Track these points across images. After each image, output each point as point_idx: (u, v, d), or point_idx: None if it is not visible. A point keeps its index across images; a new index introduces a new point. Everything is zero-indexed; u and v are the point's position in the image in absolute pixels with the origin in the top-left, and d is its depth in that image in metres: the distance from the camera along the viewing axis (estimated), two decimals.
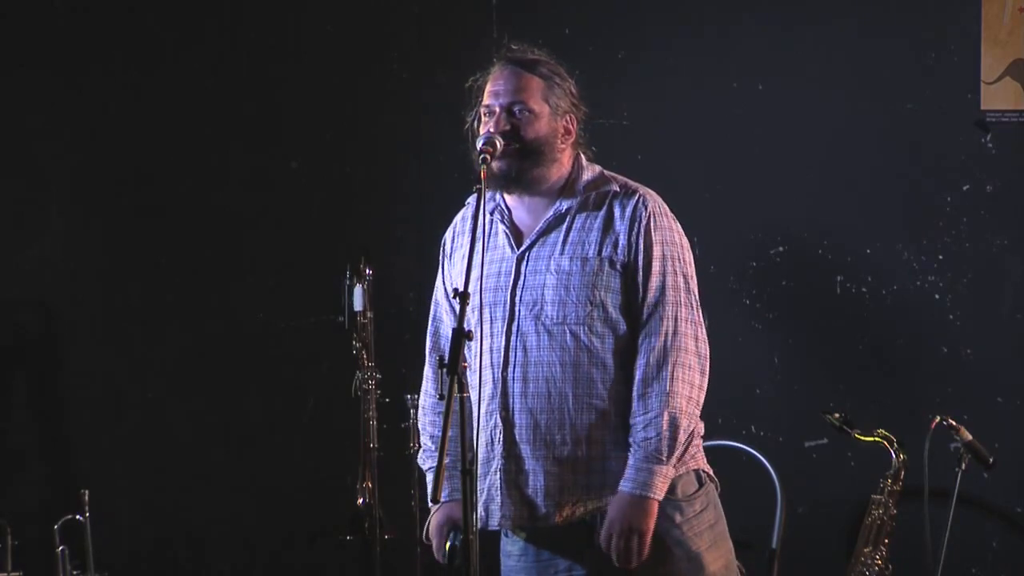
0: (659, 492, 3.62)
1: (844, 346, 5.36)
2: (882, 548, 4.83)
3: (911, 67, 5.31)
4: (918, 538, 4.80)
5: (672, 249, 3.72)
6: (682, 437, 3.64)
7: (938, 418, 4.80)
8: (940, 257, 5.31)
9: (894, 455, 4.84)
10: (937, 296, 5.31)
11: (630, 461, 3.63)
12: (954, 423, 4.80)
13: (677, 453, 3.64)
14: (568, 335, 3.67)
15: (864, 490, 4.92)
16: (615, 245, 3.69)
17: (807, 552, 5.23)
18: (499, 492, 3.70)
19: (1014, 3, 5.26)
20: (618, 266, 3.68)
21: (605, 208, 3.72)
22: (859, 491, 4.97)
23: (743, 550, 3.85)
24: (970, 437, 4.78)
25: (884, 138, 5.34)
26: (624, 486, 3.63)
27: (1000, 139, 5.27)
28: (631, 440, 3.64)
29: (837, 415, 4.89)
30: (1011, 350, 5.27)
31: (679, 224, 3.78)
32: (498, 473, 3.70)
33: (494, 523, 3.73)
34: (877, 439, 4.86)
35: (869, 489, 4.89)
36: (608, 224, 3.71)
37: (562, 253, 3.71)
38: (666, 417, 3.61)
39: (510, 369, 3.71)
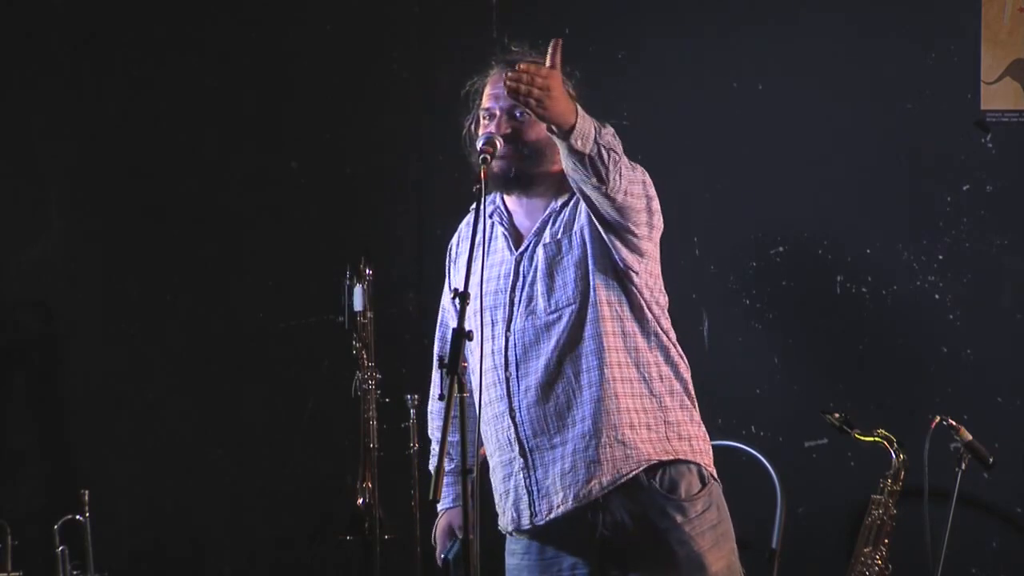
0: (583, 118, 3.43)
1: (844, 346, 5.36)
2: (882, 548, 4.83)
3: (911, 67, 5.31)
4: (918, 538, 4.80)
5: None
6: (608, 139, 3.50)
7: (938, 418, 4.80)
8: (940, 257, 5.31)
9: (894, 455, 4.84)
10: (937, 296, 5.31)
11: None
12: (954, 423, 4.80)
13: (597, 127, 3.49)
14: (561, 321, 3.68)
15: (864, 490, 4.92)
16: (579, 216, 3.70)
17: (807, 552, 5.23)
18: (525, 491, 3.72)
19: (1014, 3, 5.26)
20: (587, 233, 3.68)
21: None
22: (859, 491, 4.98)
23: (743, 550, 3.85)
24: (970, 437, 4.78)
25: (884, 138, 5.34)
26: None
27: (1000, 139, 5.28)
28: None
29: (837, 415, 4.89)
30: (1011, 350, 5.27)
31: (643, 172, 3.68)
32: (520, 472, 3.72)
33: (525, 522, 3.74)
34: (877, 439, 4.86)
35: (869, 489, 4.89)
36: (576, 203, 3.72)
37: (547, 245, 3.72)
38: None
39: (511, 368, 3.72)
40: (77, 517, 5.08)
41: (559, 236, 3.72)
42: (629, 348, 3.69)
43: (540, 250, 3.72)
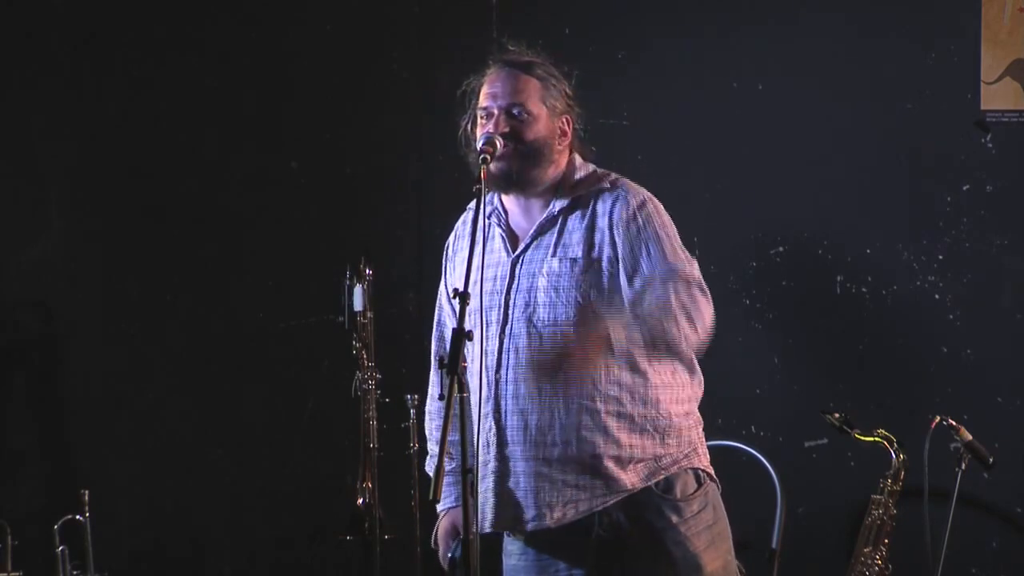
0: (615, 328, 3.59)
1: (844, 346, 5.36)
2: (882, 548, 4.83)
3: (911, 67, 5.31)
4: (918, 538, 4.80)
5: (662, 230, 3.68)
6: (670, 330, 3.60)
7: (938, 418, 4.80)
8: (940, 257, 5.31)
9: (894, 455, 4.84)
10: (937, 296, 5.31)
11: None
12: (954, 423, 4.80)
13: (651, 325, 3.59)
14: (559, 336, 3.66)
15: (864, 490, 4.91)
16: (600, 244, 3.67)
17: (807, 552, 5.23)
18: (493, 495, 3.70)
19: (1014, 3, 5.26)
20: (604, 263, 3.66)
21: (591, 207, 3.70)
22: (859, 491, 4.97)
23: (743, 550, 3.85)
24: (970, 437, 4.78)
25: (884, 138, 5.34)
26: None
27: (1000, 139, 5.27)
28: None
29: (837, 415, 4.88)
30: (1011, 350, 5.27)
31: (663, 211, 3.72)
32: (492, 476, 3.71)
33: (486, 527, 3.71)
34: (877, 439, 4.86)
35: (869, 489, 4.88)
36: (592, 223, 3.69)
37: (553, 255, 3.70)
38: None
39: (502, 371, 3.70)
40: (77, 517, 5.08)
41: (577, 255, 3.68)
42: (636, 384, 3.67)
43: (552, 260, 3.69)
